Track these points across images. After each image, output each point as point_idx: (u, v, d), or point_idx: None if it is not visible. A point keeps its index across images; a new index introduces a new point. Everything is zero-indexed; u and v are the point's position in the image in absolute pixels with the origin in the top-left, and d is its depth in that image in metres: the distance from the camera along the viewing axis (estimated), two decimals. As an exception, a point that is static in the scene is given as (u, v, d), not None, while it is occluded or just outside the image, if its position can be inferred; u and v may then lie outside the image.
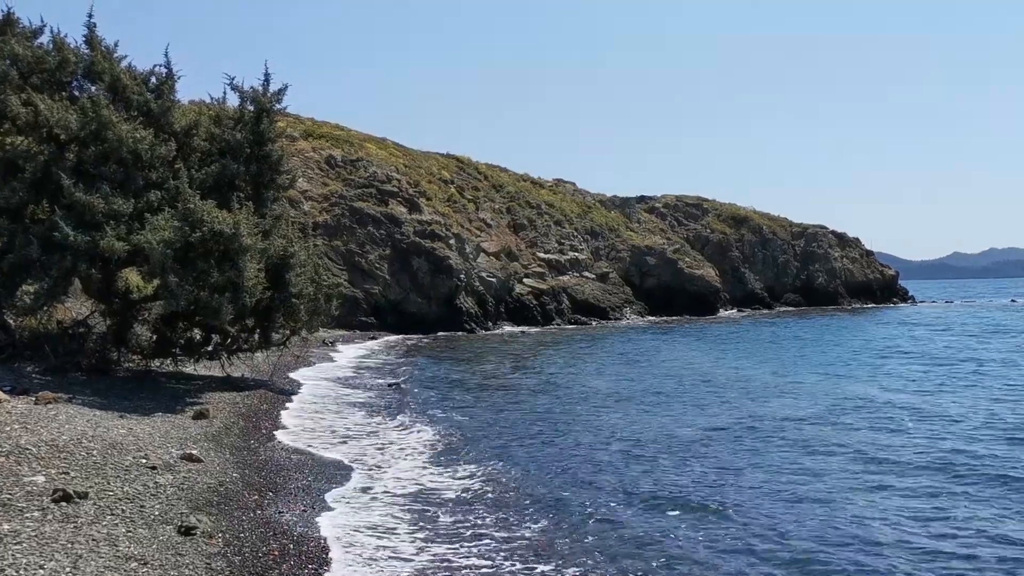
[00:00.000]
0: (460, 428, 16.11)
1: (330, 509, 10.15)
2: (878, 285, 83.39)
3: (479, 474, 12.36)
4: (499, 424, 16.70)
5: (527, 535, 9.52)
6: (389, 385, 22.37)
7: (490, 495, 11.18)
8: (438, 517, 10.14)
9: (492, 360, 30.24)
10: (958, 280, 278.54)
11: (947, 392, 21.10)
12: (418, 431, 15.74)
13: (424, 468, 12.68)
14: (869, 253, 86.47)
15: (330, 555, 8.44)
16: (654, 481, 12.05)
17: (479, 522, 9.94)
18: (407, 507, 10.52)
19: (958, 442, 14.62)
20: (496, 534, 9.51)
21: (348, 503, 10.52)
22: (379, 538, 9.22)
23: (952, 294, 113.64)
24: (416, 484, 11.69)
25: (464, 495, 11.17)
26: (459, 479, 12.04)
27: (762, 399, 20.17)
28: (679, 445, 14.55)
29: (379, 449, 13.97)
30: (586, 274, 57.89)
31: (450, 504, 10.71)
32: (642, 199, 76.18)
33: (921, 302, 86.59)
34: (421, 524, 9.81)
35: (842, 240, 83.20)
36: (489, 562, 8.58)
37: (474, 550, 8.94)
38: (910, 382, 23.23)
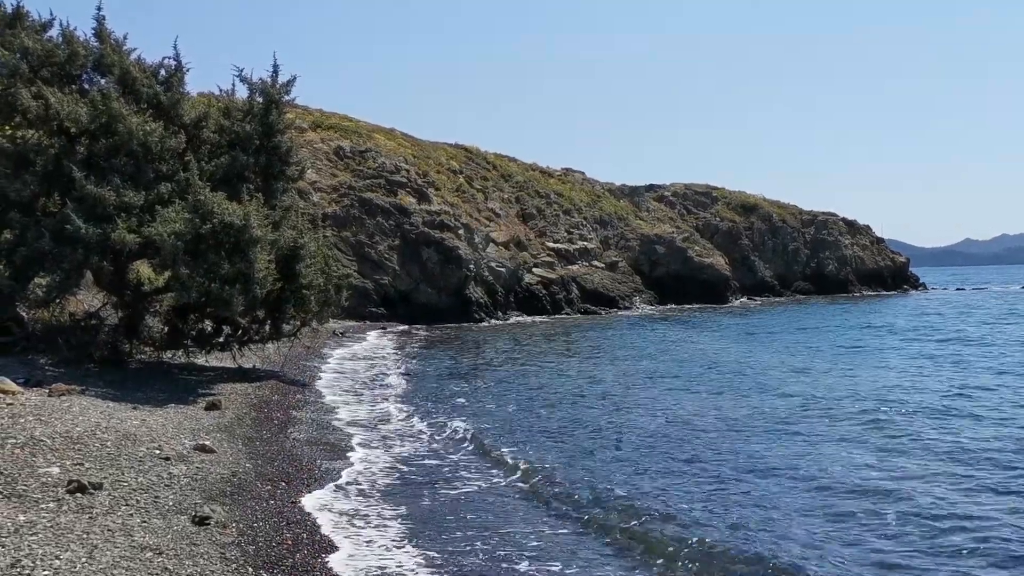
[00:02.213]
0: (472, 416, 16.14)
1: (343, 499, 10.21)
2: (889, 272, 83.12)
3: (491, 461, 12.40)
4: (512, 413, 16.73)
5: (545, 531, 9.55)
6: (400, 375, 22.44)
7: (505, 484, 11.22)
8: (451, 508, 10.18)
9: (503, 349, 30.27)
10: (969, 267, 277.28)
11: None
12: (430, 420, 15.79)
13: (438, 457, 12.72)
14: (880, 240, 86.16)
15: (341, 544, 8.50)
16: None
17: (491, 510, 9.97)
18: (420, 497, 10.57)
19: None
20: (509, 523, 9.55)
21: (361, 493, 10.57)
22: (390, 527, 9.27)
23: (962, 281, 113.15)
24: (428, 474, 11.74)
25: (480, 484, 11.21)
26: (472, 468, 12.07)
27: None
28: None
29: (390, 438, 14.03)
30: (595, 263, 57.84)
31: (464, 495, 10.74)
32: (651, 188, 76.00)
33: (932, 288, 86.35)
34: (433, 513, 9.86)
35: (852, 227, 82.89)
36: (501, 553, 8.62)
37: (488, 540, 8.98)
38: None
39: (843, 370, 23.32)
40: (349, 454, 12.67)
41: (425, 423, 15.59)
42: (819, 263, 76.80)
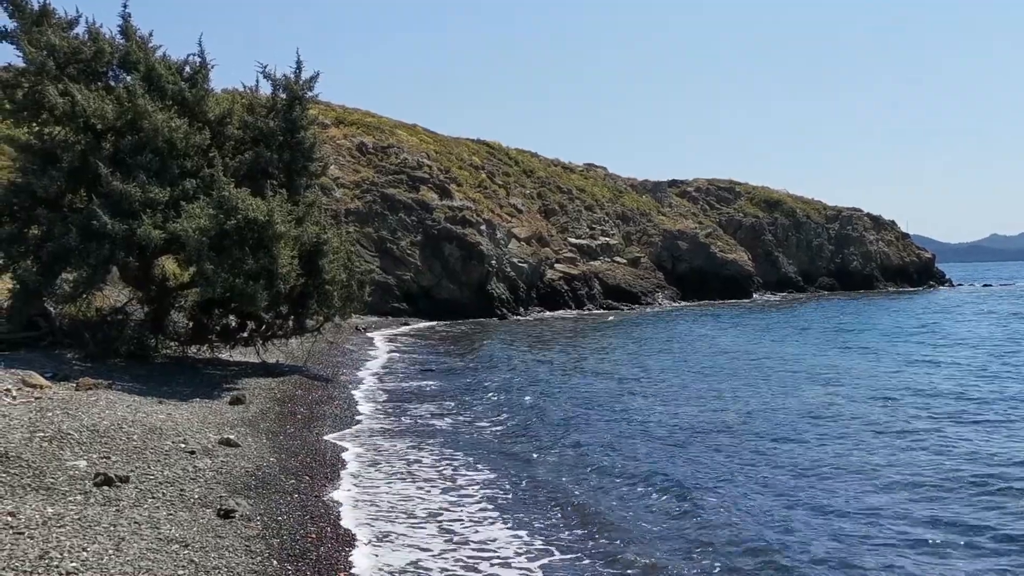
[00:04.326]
0: (494, 414, 16.15)
1: (365, 494, 10.24)
2: (915, 268, 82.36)
3: (515, 468, 12.37)
4: (540, 409, 16.71)
5: (560, 539, 9.55)
6: (422, 369, 22.49)
7: (535, 491, 11.19)
8: (471, 508, 10.19)
9: (527, 345, 30.25)
10: (996, 263, 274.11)
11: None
12: (450, 415, 15.81)
13: (456, 456, 12.72)
14: (905, 236, 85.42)
15: (364, 538, 8.53)
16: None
17: (517, 521, 9.96)
18: (441, 494, 10.59)
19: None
20: (536, 526, 9.55)
21: (383, 488, 10.60)
22: (411, 524, 9.29)
23: (989, 277, 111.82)
24: (449, 471, 11.75)
25: (504, 487, 11.21)
26: (494, 472, 12.06)
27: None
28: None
29: (409, 433, 14.05)
30: (617, 259, 57.69)
31: (485, 497, 10.75)
32: (674, 183, 75.73)
33: (959, 284, 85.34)
34: (453, 511, 9.88)
35: (877, 223, 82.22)
36: (521, 560, 8.62)
37: (505, 547, 8.99)
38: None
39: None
40: (371, 449, 12.71)
41: (448, 419, 15.61)
42: (843, 259, 76.22)
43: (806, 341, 31.23)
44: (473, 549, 8.53)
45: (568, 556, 8.37)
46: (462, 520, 9.44)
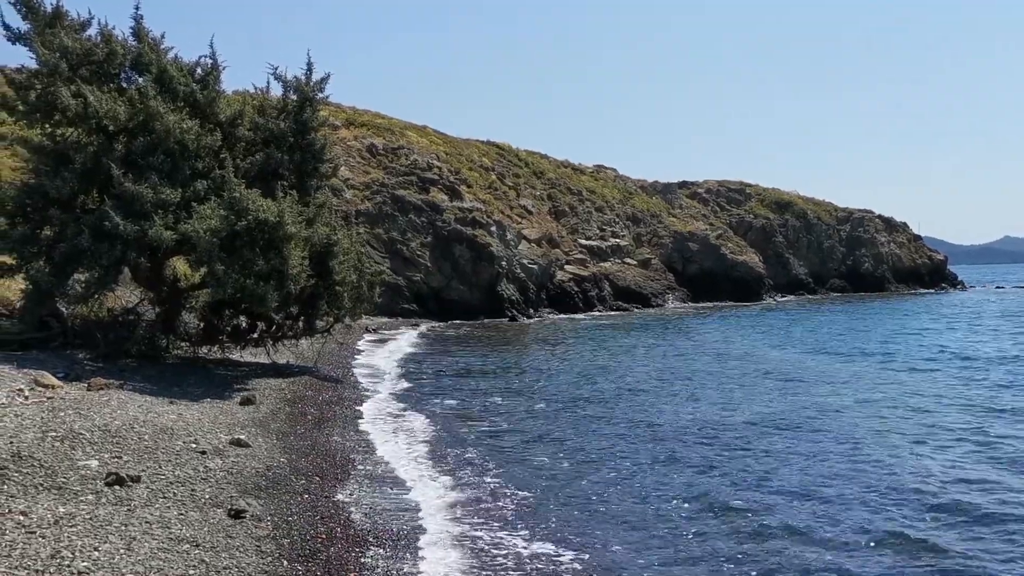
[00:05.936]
0: (500, 419, 16.13)
1: (374, 494, 10.25)
2: (926, 270, 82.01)
3: (532, 474, 12.37)
4: (544, 413, 16.70)
5: (566, 552, 9.53)
6: (431, 372, 22.48)
7: (538, 495, 11.19)
8: (482, 517, 10.18)
9: (536, 348, 30.23)
10: (1010, 265, 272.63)
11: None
12: (457, 417, 15.80)
13: (468, 460, 12.72)
14: (917, 238, 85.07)
15: (372, 540, 8.53)
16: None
17: (528, 522, 9.96)
18: (451, 496, 10.58)
19: None
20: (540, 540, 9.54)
21: (393, 488, 10.61)
22: (419, 522, 9.29)
23: (1000, 279, 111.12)
24: (454, 464, 11.75)
25: (523, 492, 11.20)
26: (502, 479, 12.05)
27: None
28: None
29: (421, 431, 14.05)
30: (628, 260, 57.60)
31: (498, 506, 10.74)
32: (684, 184, 75.58)
33: (971, 287, 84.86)
34: (465, 516, 9.87)
35: (889, 225, 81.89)
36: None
37: (513, 551, 8.98)
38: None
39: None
40: (382, 448, 12.72)
41: (457, 420, 15.60)
42: (855, 261, 75.94)
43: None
44: (487, 553, 8.53)
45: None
46: (476, 523, 9.43)
